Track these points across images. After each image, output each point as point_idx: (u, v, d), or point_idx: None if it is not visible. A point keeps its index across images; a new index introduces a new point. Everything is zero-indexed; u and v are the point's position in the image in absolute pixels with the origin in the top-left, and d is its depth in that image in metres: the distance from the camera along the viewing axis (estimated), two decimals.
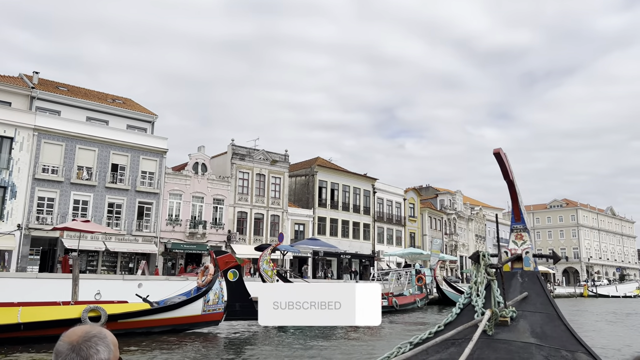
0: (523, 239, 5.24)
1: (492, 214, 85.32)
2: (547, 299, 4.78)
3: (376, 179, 53.87)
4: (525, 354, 4.12)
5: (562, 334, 4.39)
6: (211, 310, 13.14)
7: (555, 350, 4.16)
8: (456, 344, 4.20)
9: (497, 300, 4.38)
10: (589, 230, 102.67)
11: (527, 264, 5.11)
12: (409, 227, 57.99)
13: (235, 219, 40.88)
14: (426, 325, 18.89)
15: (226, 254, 14.28)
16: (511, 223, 5.38)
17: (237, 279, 13.51)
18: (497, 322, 4.36)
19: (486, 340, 4.20)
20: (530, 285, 4.93)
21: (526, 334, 4.37)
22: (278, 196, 44.08)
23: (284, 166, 44.80)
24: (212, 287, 13.32)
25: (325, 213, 47.70)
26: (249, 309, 13.35)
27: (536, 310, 4.64)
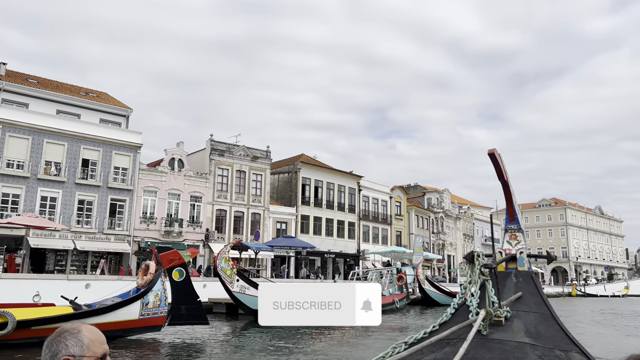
0: (517, 239, 5.24)
1: (481, 213, 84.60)
2: (541, 298, 4.79)
3: (361, 176, 52.67)
4: (520, 353, 4.12)
5: (556, 334, 4.38)
6: (151, 314, 11.66)
7: (549, 349, 4.16)
8: (451, 344, 4.18)
9: (491, 300, 4.36)
10: (578, 230, 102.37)
11: (521, 264, 5.12)
12: (395, 226, 56.84)
13: (213, 217, 39.43)
14: (405, 330, 17.66)
15: (171, 250, 12.86)
16: (505, 223, 5.37)
17: (184, 278, 12.07)
18: (492, 322, 4.35)
19: (481, 340, 4.19)
20: (524, 285, 4.94)
21: (520, 333, 4.37)
22: (259, 193, 42.69)
23: (265, 163, 43.42)
24: (152, 287, 11.89)
25: (308, 211, 46.38)
26: (197, 312, 12.04)
27: (530, 310, 4.64)
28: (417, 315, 24.31)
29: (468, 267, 4.64)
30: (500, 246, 5.33)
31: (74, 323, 1.50)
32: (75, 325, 1.49)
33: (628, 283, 77.33)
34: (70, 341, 1.43)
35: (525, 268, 5.11)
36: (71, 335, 1.45)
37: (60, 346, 1.42)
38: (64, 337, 1.45)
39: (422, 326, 17.54)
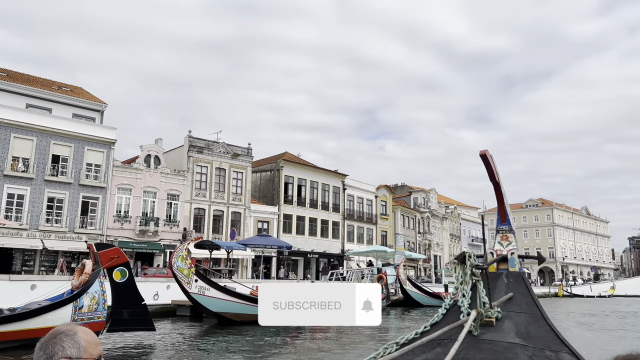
0: (509, 240, 5.24)
1: (468, 213, 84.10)
2: (532, 299, 4.80)
3: (346, 175, 51.68)
4: (510, 354, 4.12)
5: (546, 334, 4.41)
6: (86, 319, 10.37)
7: (540, 350, 4.18)
8: (442, 344, 4.19)
9: (482, 301, 4.40)
10: (564, 230, 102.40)
11: (512, 265, 5.12)
12: (380, 226, 55.92)
13: (191, 215, 38.18)
14: (383, 334, 16.63)
15: (112, 247, 11.65)
16: (497, 224, 5.36)
17: (127, 279, 10.89)
18: (483, 322, 4.38)
19: (472, 341, 4.22)
20: (515, 286, 4.94)
21: (511, 334, 4.38)
22: (240, 192, 41.50)
23: (246, 160, 42.24)
24: (88, 289, 10.65)
25: (291, 210, 45.28)
26: (141, 316, 10.87)
27: (521, 310, 4.66)
28: (397, 317, 23.22)
29: (459, 267, 4.63)
30: (492, 247, 5.32)
31: (68, 325, 1.47)
32: (70, 326, 1.47)
33: (614, 283, 77.25)
34: (66, 343, 1.40)
35: (516, 269, 5.11)
36: (67, 337, 1.42)
37: (56, 348, 1.39)
38: (60, 339, 1.41)
39: (400, 329, 16.52)
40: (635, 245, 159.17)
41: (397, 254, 32.17)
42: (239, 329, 15.01)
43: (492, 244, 5.39)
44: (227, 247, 29.27)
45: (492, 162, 4.84)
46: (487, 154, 4.74)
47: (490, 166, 4.82)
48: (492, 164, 4.82)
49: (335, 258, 48.54)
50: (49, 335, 1.45)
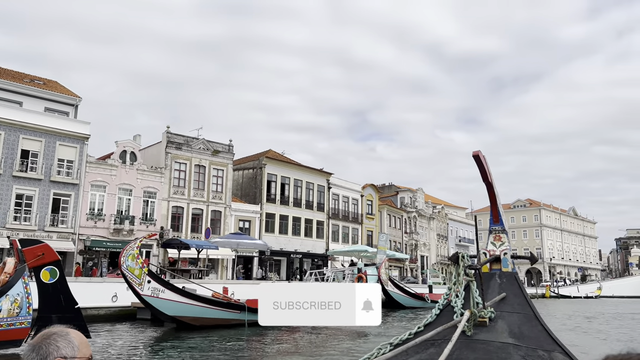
0: (501, 240, 5.22)
1: (455, 214, 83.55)
2: (524, 299, 4.79)
3: (331, 173, 50.70)
4: (503, 354, 4.13)
5: (539, 334, 4.41)
6: (5, 325, 9.26)
7: (533, 350, 4.18)
8: (435, 345, 4.18)
9: (475, 301, 4.38)
10: (552, 231, 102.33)
11: (505, 265, 5.10)
12: (366, 225, 55.00)
13: (169, 214, 36.93)
14: (361, 339, 15.62)
15: (39, 243, 10.50)
16: (490, 224, 5.35)
17: (57, 279, 9.71)
18: (476, 322, 4.37)
19: (465, 341, 4.21)
20: (508, 286, 4.93)
21: (504, 334, 4.37)
22: (220, 190, 40.31)
23: (227, 157, 41.07)
24: (7, 291, 9.42)
25: (274, 209, 44.18)
26: (74, 322, 9.79)
27: (514, 310, 4.65)
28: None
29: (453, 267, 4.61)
30: (485, 247, 5.26)
31: (58, 326, 1.44)
32: (61, 327, 1.44)
33: (601, 284, 77.08)
34: (61, 343, 1.38)
35: (509, 269, 5.09)
36: (61, 337, 1.40)
37: (50, 348, 1.37)
38: (53, 339, 1.39)
39: (379, 334, 15.52)
40: (622, 246, 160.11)
41: (379, 253, 31.14)
42: (200, 334, 13.93)
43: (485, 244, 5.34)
44: (197, 246, 28.05)
45: (485, 162, 4.82)
46: (480, 155, 4.73)
47: (483, 167, 4.81)
48: (484, 164, 4.81)
49: (319, 258, 47.49)
50: (40, 337, 1.40)
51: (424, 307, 28.51)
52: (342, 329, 15.78)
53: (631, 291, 76.25)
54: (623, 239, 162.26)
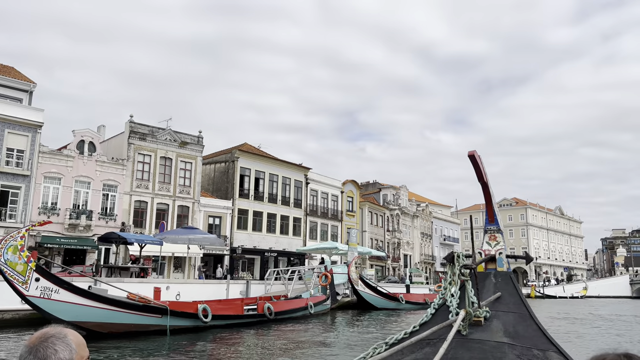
0: (497, 240, 5.23)
1: (440, 212, 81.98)
2: (519, 299, 4.79)
3: (309, 168, 48.61)
4: (498, 353, 4.13)
5: (533, 334, 4.41)
6: None
7: (527, 349, 4.18)
8: (431, 344, 4.21)
9: (471, 301, 4.41)
10: (538, 230, 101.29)
11: (500, 265, 5.12)
12: (346, 223, 53.01)
13: (131, 209, 34.60)
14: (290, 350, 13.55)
15: None
16: (485, 224, 5.34)
17: None
18: (471, 322, 4.36)
19: (460, 340, 4.21)
20: (503, 286, 4.94)
21: (499, 333, 4.38)
22: (188, 184, 38.03)
23: (196, 149, 38.80)
24: None
25: (247, 205, 41.99)
26: None
27: (509, 310, 4.65)
28: (343, 323, 19.85)
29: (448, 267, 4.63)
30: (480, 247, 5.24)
31: (56, 327, 1.40)
32: (59, 328, 1.41)
33: (586, 284, 75.96)
34: (59, 346, 1.35)
35: (504, 268, 5.08)
36: (59, 340, 1.37)
37: (48, 351, 1.33)
38: (51, 342, 1.36)
39: (332, 343, 13.47)
40: (608, 246, 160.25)
41: (350, 250, 29.11)
42: (111, 343, 11.73)
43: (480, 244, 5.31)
44: (136, 240, 25.68)
45: (480, 163, 4.84)
46: (476, 155, 4.75)
47: (479, 167, 4.81)
48: (480, 164, 4.82)
49: (295, 256, 45.39)
50: (38, 338, 1.36)
51: (398, 309, 26.59)
52: (292, 338, 13.78)
53: (617, 291, 75.31)
54: (609, 239, 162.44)
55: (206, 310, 15.22)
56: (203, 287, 21.29)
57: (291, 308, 18.65)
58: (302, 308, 20.07)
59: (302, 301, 20.23)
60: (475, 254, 5.17)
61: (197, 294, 19.23)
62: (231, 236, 40.14)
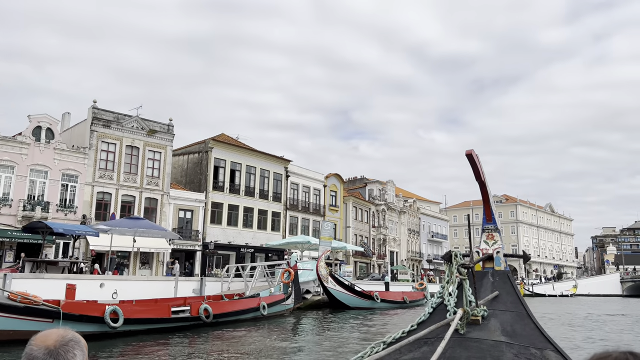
0: (494, 239, 5.25)
1: (429, 208, 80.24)
2: (517, 298, 4.77)
3: (289, 160, 46.48)
4: (496, 352, 4.11)
5: (531, 332, 4.40)
6: None
7: (525, 348, 4.18)
8: (429, 343, 4.18)
9: (468, 300, 4.43)
10: (528, 227, 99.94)
11: (498, 264, 5.11)
12: (329, 218, 50.94)
13: (93, 200, 32.34)
14: None
15: None
16: (483, 223, 5.38)
17: None
18: (469, 321, 4.37)
19: (458, 339, 4.22)
20: (501, 285, 4.93)
21: (497, 332, 4.37)
22: (157, 175, 35.79)
23: (166, 138, 36.54)
24: None
25: (221, 198, 39.81)
26: None
27: (507, 309, 4.64)
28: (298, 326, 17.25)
29: (446, 266, 4.61)
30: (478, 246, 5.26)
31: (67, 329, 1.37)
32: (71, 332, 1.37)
33: (576, 282, 74.56)
34: (77, 350, 1.33)
35: (501, 267, 5.06)
36: (76, 344, 1.34)
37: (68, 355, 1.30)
38: (71, 347, 1.32)
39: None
40: (598, 244, 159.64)
41: (322, 244, 26.89)
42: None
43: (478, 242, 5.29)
44: (67, 231, 23.10)
45: (478, 162, 4.82)
46: (473, 154, 4.73)
47: (477, 166, 4.81)
48: (478, 163, 4.81)
49: (274, 252, 43.27)
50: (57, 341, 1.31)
51: (373, 308, 24.58)
52: (223, 348, 11.68)
53: (607, 289, 73.95)
54: (599, 237, 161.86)
55: (116, 313, 12.79)
56: (148, 285, 19.12)
57: (236, 310, 16.13)
58: (252, 309, 17.30)
59: (251, 301, 17.57)
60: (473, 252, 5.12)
61: (138, 292, 17.06)
62: (204, 231, 37.98)
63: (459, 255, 4.48)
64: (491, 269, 5.07)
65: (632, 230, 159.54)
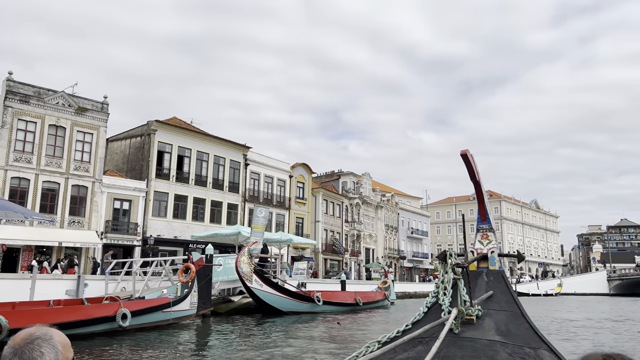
0: (489, 238, 5.25)
1: (409, 203, 76.48)
2: (511, 297, 4.77)
3: (249, 147, 42.23)
4: (491, 351, 4.10)
5: (525, 332, 4.38)
6: None
7: (519, 347, 4.17)
8: (423, 342, 4.19)
9: (463, 299, 4.42)
10: (513, 224, 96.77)
11: (492, 263, 5.11)
12: (295, 211, 46.86)
13: (6, 187, 27.88)
14: None
15: None
16: (477, 223, 5.33)
17: None
18: (464, 320, 4.37)
19: (453, 339, 4.21)
20: (495, 284, 4.94)
21: (491, 331, 4.37)
22: (87, 159, 31.37)
23: (99, 118, 32.11)
24: None
25: (166, 187, 35.46)
26: None
27: (501, 308, 4.64)
28: (174, 346, 11.94)
29: (441, 266, 4.63)
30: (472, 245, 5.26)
31: (41, 327, 1.33)
32: (44, 329, 1.33)
33: (561, 280, 71.33)
34: (45, 348, 1.27)
35: (496, 267, 5.08)
36: (45, 342, 1.29)
37: (34, 354, 1.26)
38: (37, 345, 1.27)
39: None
40: (584, 242, 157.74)
41: (253, 235, 22.58)
42: None
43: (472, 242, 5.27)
44: None
45: (473, 162, 4.78)
46: (468, 154, 4.69)
47: (471, 166, 4.78)
48: (472, 163, 4.77)
49: (231, 248, 38.97)
50: (23, 339, 1.28)
51: (314, 312, 20.41)
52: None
53: (593, 288, 70.88)
54: (585, 235, 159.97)
55: None
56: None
57: (69, 320, 11.64)
58: (103, 320, 12.29)
59: (101, 308, 12.62)
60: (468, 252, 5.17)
61: None
62: (144, 224, 33.65)
63: (454, 254, 4.49)
64: (486, 268, 5.06)
65: (618, 228, 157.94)
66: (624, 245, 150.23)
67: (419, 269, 71.86)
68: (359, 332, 15.73)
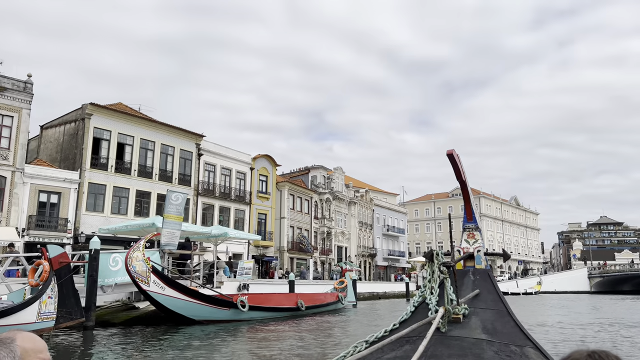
0: (475, 237, 5.28)
1: (385, 200, 73.50)
2: (497, 296, 4.79)
3: (203, 135, 38.59)
4: (477, 349, 4.13)
5: (511, 330, 4.40)
6: None
7: (505, 345, 4.18)
8: (410, 342, 4.21)
9: (450, 298, 4.44)
10: (492, 221, 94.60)
11: (478, 262, 5.15)
12: (257, 207, 43.34)
13: None
14: None
15: None
16: (463, 222, 5.38)
17: None
18: (450, 319, 4.41)
19: (440, 338, 4.23)
20: (481, 283, 4.97)
21: (478, 330, 4.39)
22: (7, 145, 27.50)
23: (22, 100, 28.24)
24: None
25: (104, 179, 31.67)
26: None
27: (487, 307, 4.66)
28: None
29: (428, 265, 4.65)
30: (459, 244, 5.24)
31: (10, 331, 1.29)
32: (10, 333, 1.28)
33: (540, 278, 69.01)
34: (1, 352, 1.23)
35: (482, 266, 5.12)
36: (3, 346, 1.24)
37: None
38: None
39: None
40: (564, 240, 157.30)
41: (165, 225, 19.09)
42: None
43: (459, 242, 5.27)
44: None
45: (459, 161, 4.81)
46: (454, 154, 4.72)
47: (457, 165, 4.80)
48: (458, 163, 4.80)
49: (180, 246, 35.26)
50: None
51: (238, 320, 16.87)
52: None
53: (574, 286, 68.77)
54: (565, 233, 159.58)
55: None
56: None
57: None
58: None
59: None
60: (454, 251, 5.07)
61: None
62: (76, 220, 29.84)
63: (441, 254, 4.49)
64: (472, 267, 5.08)
65: (598, 225, 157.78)
66: (603, 243, 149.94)
67: (395, 267, 68.89)
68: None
